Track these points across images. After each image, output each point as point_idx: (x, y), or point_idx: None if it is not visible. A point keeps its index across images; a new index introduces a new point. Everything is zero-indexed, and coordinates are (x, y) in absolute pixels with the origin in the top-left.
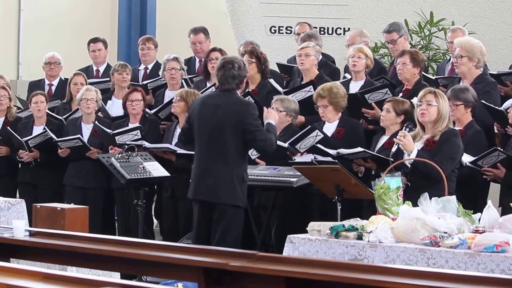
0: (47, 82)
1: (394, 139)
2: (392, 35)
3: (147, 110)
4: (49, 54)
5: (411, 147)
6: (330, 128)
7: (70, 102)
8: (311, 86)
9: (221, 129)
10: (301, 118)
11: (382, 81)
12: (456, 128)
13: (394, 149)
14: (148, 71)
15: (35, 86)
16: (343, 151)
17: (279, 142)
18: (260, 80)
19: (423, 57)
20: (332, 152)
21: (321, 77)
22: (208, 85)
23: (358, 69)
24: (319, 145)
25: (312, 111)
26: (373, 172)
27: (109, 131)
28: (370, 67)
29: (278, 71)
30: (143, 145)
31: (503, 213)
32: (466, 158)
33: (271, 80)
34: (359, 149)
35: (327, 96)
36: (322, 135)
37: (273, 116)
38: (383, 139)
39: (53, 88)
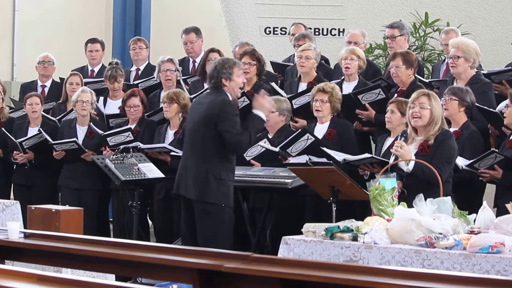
0: (40, 83)
1: (391, 150)
2: (394, 30)
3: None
4: (42, 54)
5: (409, 156)
6: (321, 130)
7: (65, 102)
8: None
9: (199, 126)
10: (303, 122)
11: (380, 82)
12: (452, 129)
13: (391, 160)
14: (139, 72)
15: (28, 87)
16: (349, 157)
17: (269, 147)
18: (256, 81)
19: (415, 57)
20: (339, 158)
21: (320, 79)
22: (206, 86)
23: (351, 72)
24: (325, 149)
25: (314, 115)
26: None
27: (101, 132)
28: (363, 68)
29: (272, 71)
30: (138, 146)
31: (498, 214)
32: (462, 162)
33: (273, 84)
34: (367, 155)
35: (329, 93)
36: (313, 138)
37: (264, 106)
38: (389, 141)
39: (46, 89)
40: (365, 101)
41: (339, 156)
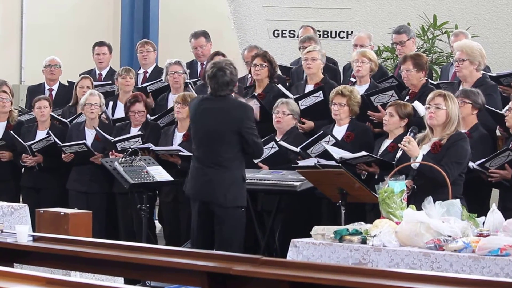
0: (47, 87)
1: (399, 144)
2: (401, 36)
3: (148, 116)
4: (49, 57)
5: (416, 152)
6: (339, 132)
7: (76, 105)
8: (321, 92)
9: (220, 133)
10: (311, 124)
11: (391, 80)
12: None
13: (398, 154)
14: (147, 75)
15: (35, 90)
16: (346, 156)
17: (290, 146)
18: (267, 84)
19: (426, 59)
20: (336, 157)
21: (326, 81)
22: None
23: (362, 74)
24: (328, 147)
25: (321, 116)
26: (376, 176)
27: (110, 138)
28: (375, 70)
29: (280, 73)
30: (150, 148)
31: (504, 216)
32: (471, 163)
33: (280, 86)
34: (363, 153)
35: (347, 96)
36: (334, 140)
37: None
38: (386, 143)
39: (53, 93)
40: (377, 102)
41: (337, 153)
